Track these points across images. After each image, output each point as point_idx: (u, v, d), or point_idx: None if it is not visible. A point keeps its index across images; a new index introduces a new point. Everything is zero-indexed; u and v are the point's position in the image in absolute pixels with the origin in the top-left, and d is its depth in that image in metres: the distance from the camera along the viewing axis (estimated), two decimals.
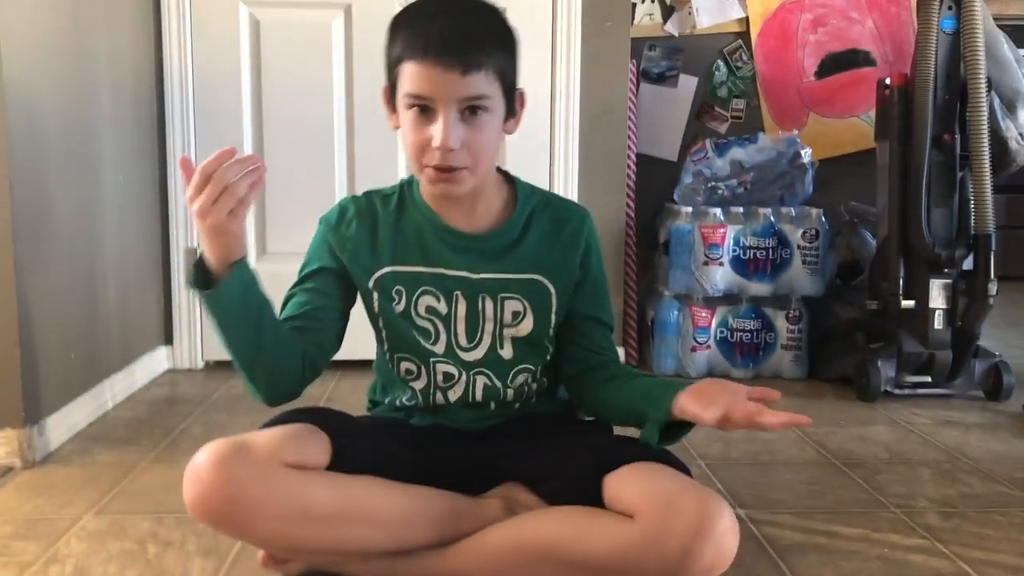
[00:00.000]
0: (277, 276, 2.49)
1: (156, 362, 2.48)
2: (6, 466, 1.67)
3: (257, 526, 1.08)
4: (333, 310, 1.25)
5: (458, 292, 1.24)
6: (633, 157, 2.69)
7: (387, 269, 1.24)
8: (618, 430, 1.31)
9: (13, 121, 1.65)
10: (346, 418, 1.23)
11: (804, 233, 2.49)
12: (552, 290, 1.26)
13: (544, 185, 2.49)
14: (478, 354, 1.26)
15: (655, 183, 2.72)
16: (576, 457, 1.20)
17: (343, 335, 1.28)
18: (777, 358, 2.53)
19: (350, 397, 1.18)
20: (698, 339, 2.52)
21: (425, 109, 1.12)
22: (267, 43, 2.47)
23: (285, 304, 1.26)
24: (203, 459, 1.06)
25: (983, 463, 1.80)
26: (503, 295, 1.24)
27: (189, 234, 2.51)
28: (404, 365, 1.28)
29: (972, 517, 1.51)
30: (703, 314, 2.51)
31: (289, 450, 1.09)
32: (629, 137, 2.64)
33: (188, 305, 2.54)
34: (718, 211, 2.49)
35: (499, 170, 1.29)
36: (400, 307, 1.24)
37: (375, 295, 1.25)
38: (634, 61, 2.68)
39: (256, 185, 1.03)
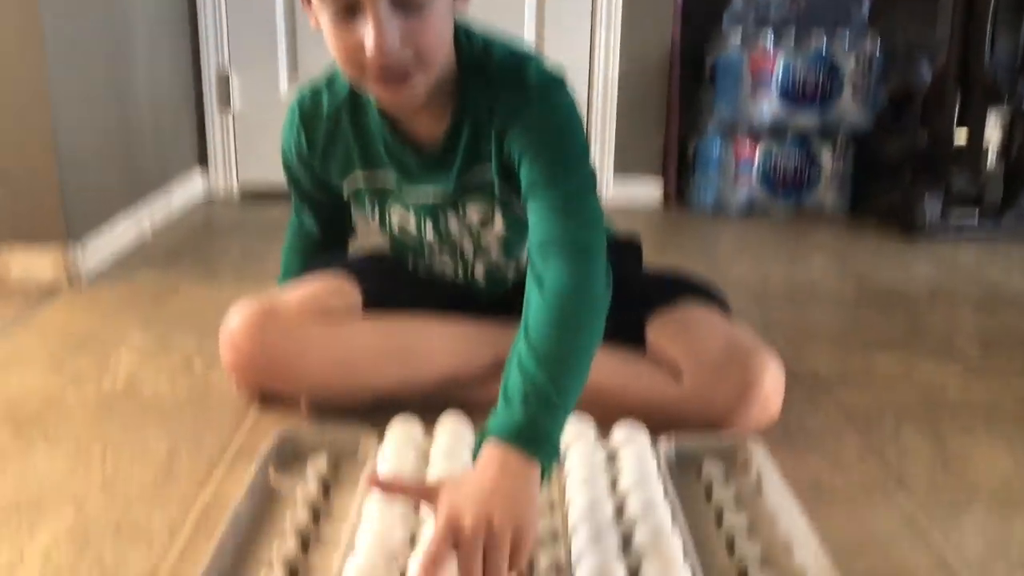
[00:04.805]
0: None
1: (192, 188, 2.48)
2: (54, 284, 1.70)
3: (302, 379, 1.12)
4: (338, 210, 1.23)
5: (423, 214, 1.12)
6: None
7: (355, 182, 1.12)
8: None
9: None
10: (373, 261, 1.25)
11: (857, 61, 2.38)
12: (495, 174, 1.04)
13: (587, 14, 2.33)
14: (479, 270, 1.20)
15: (703, 9, 2.58)
16: (619, 291, 1.18)
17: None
18: (820, 192, 2.48)
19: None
20: (740, 172, 2.46)
21: (349, 8, 0.87)
22: None
23: (295, 226, 1.27)
24: (235, 326, 1.11)
25: None
26: (465, 202, 1.09)
27: (220, 57, 2.46)
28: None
29: (1011, 348, 1.50)
30: (747, 147, 2.44)
31: (318, 304, 1.13)
32: None
33: (221, 127, 2.53)
34: (769, 36, 2.37)
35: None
36: (375, 220, 1.18)
37: (351, 202, 1.17)
38: None
39: None
